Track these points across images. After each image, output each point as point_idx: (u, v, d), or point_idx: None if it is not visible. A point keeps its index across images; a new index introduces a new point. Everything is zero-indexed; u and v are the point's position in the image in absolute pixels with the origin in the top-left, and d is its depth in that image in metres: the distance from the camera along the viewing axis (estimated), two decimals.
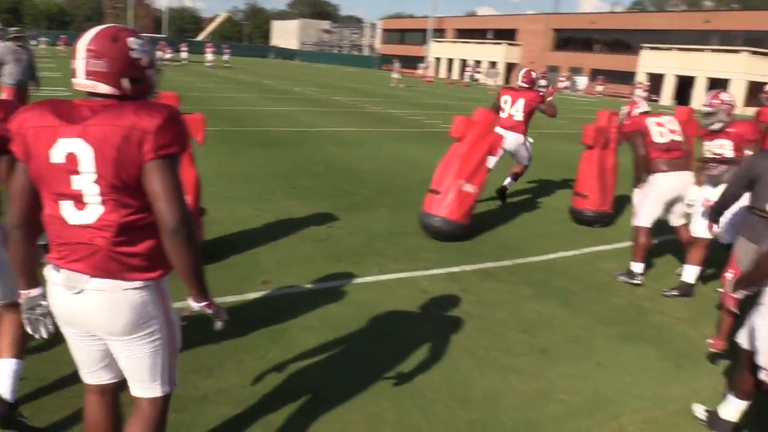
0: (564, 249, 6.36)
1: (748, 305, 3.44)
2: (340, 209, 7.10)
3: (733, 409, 3.21)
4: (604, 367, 3.90)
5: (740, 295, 2.97)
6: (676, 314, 4.87)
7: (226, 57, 42.87)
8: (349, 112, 18.92)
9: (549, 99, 7.68)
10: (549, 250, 6.28)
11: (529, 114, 7.54)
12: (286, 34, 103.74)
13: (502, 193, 8.06)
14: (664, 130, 5.28)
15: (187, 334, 3.40)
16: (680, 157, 5.25)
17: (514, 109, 7.52)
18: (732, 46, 42.37)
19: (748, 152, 4.77)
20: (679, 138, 5.29)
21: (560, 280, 5.42)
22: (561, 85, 50.88)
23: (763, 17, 43.83)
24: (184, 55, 44.30)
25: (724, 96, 4.82)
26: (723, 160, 4.86)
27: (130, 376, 2.16)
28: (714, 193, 4.84)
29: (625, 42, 52.81)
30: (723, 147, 4.87)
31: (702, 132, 5.03)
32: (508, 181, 8.10)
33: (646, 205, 5.30)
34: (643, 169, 5.28)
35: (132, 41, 1.96)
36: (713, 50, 42.49)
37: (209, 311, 2.07)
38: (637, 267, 5.36)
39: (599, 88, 49.14)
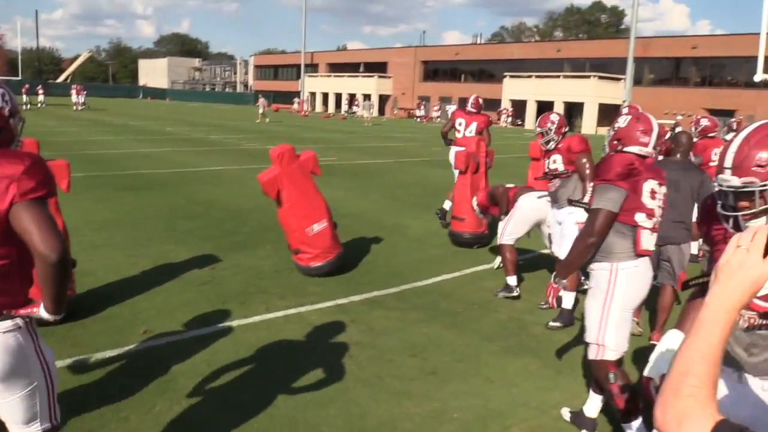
0: (447, 272, 6.58)
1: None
2: (222, 250, 6.93)
3: (594, 405, 3.47)
4: (492, 382, 4.06)
5: (560, 284, 3.25)
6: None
7: (81, 98, 40.93)
8: (227, 150, 18.60)
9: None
10: (433, 273, 6.47)
11: (480, 134, 8.53)
12: (154, 73, 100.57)
13: (443, 214, 8.60)
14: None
15: (65, 395, 3.17)
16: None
17: (468, 130, 8.55)
18: (582, 72, 46.27)
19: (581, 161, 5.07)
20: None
21: (445, 302, 5.60)
22: (434, 114, 53.07)
23: (607, 45, 48.41)
24: (41, 98, 41.75)
25: (552, 117, 5.28)
26: (556, 174, 5.23)
27: (7, 419, 2.11)
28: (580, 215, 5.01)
29: (488, 71, 56.11)
30: (555, 162, 5.26)
31: (540, 153, 5.50)
32: (448, 204, 8.50)
33: (509, 225, 5.72)
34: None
35: None
36: (566, 76, 46.17)
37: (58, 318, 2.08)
38: (512, 280, 5.70)
39: None
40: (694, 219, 4.68)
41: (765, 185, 1.87)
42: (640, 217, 3.07)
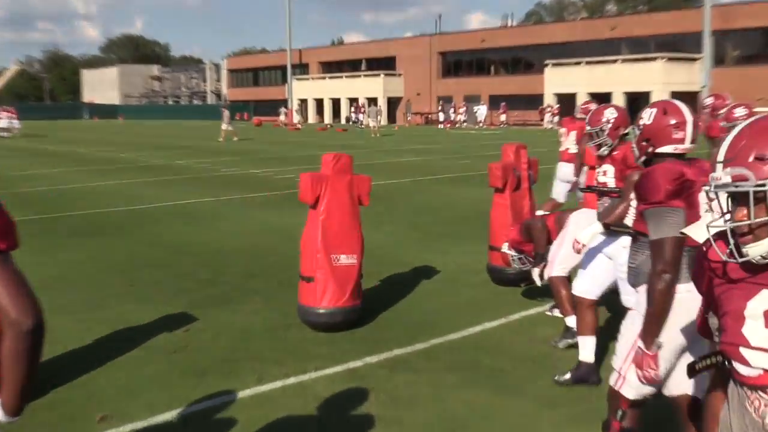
0: (488, 319, 6.51)
1: None
2: (198, 306, 6.93)
3: None
4: None
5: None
6: None
7: (14, 123, 41.66)
8: (200, 178, 18.77)
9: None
10: (470, 322, 6.40)
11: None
12: (102, 86, 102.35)
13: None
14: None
15: None
16: None
17: (568, 141, 8.92)
18: (646, 53, 46.44)
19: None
20: None
21: (489, 358, 5.53)
22: (459, 117, 53.38)
23: (675, 18, 48.65)
24: None
25: (608, 112, 5.01)
26: (605, 191, 4.97)
27: None
28: (585, 234, 4.87)
29: (524, 60, 56.56)
30: (606, 174, 5.04)
31: (595, 161, 5.27)
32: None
33: (561, 251, 5.66)
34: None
35: None
36: (625, 60, 46.36)
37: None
38: (572, 321, 5.58)
39: (502, 117, 51.99)
40: None
41: (763, 185, 1.85)
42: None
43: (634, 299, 3.43)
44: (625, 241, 4.64)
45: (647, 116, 3.46)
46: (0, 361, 1.96)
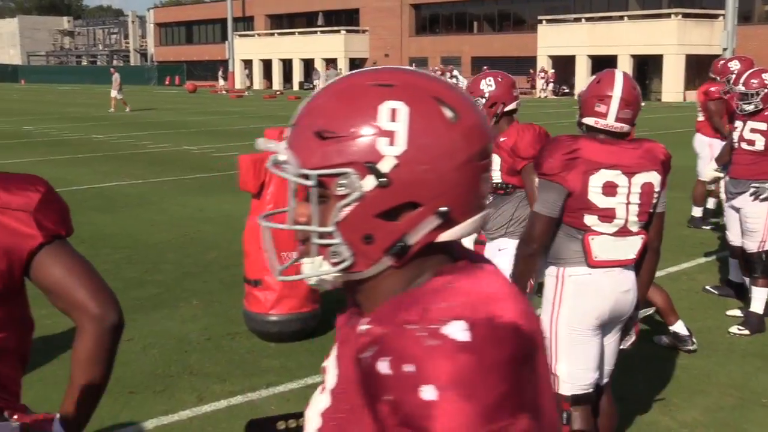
0: None
1: None
2: (125, 310, 6.91)
3: None
4: None
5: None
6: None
7: None
8: (122, 155, 18.65)
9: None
10: None
11: (706, 110, 9.65)
12: None
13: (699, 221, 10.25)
14: None
15: None
16: None
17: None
18: (656, 9, 46.91)
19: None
20: None
21: None
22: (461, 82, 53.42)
23: None
24: None
25: (483, 83, 5.17)
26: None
27: None
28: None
29: (514, 15, 56.85)
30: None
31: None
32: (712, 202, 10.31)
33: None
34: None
35: None
36: (633, 17, 46.80)
37: None
38: (680, 326, 6.05)
39: None
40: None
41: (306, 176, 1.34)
42: (590, 220, 3.53)
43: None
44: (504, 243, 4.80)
45: (586, 85, 3.83)
46: (73, 364, 2.03)
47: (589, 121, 3.67)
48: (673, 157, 3.84)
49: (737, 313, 6.73)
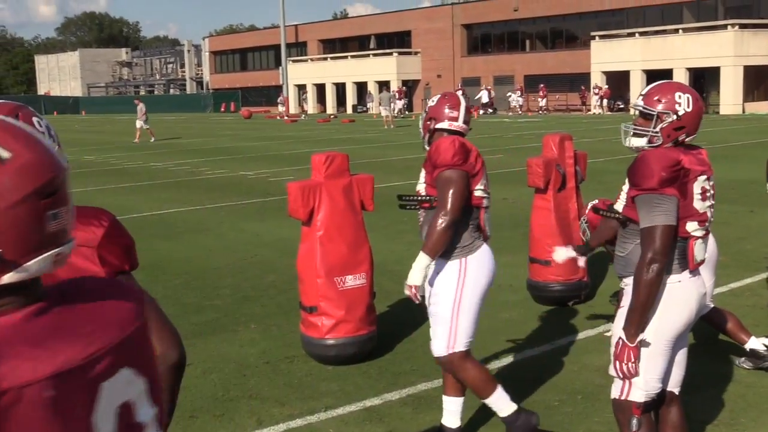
0: (529, 345, 6.54)
1: None
2: (184, 336, 6.94)
3: None
4: None
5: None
6: (705, 414, 5.10)
7: None
8: (180, 182, 18.91)
9: None
10: (507, 349, 6.44)
11: None
12: (61, 74, 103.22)
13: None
14: None
15: None
16: None
17: None
18: (712, 21, 46.30)
19: None
20: None
21: (531, 391, 5.56)
22: (483, 99, 53.32)
23: None
24: None
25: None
26: (415, 202, 4.78)
27: None
28: (413, 274, 4.71)
29: (567, 32, 56.53)
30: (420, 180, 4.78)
31: None
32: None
33: None
34: None
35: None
36: (688, 30, 46.23)
37: None
38: (756, 343, 5.86)
39: (541, 102, 51.98)
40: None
41: None
42: (692, 226, 3.64)
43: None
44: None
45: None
46: None
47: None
48: (735, 171, 3.87)
49: None
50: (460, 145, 4.36)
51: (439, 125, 4.57)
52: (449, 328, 4.46)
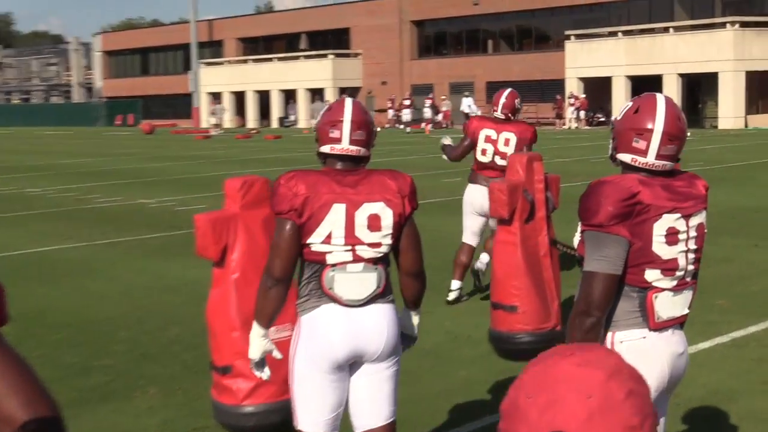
0: (492, 410, 6.52)
1: None
2: (66, 405, 6.83)
3: None
4: None
5: None
6: None
7: None
8: (64, 212, 18.68)
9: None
10: (466, 415, 6.44)
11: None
12: None
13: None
14: None
15: None
16: None
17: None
18: (708, 18, 47.23)
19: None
20: None
21: None
22: (440, 109, 53.69)
23: None
24: None
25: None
26: None
27: None
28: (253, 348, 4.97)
29: (537, 31, 57.27)
30: None
31: None
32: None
33: None
34: None
35: None
36: (679, 29, 47.11)
37: None
38: None
39: None
40: None
41: None
42: (653, 275, 3.60)
43: None
44: None
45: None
46: None
47: (625, 158, 3.73)
48: (736, 197, 3.89)
49: None
50: (286, 185, 4.19)
51: (321, 149, 4.37)
52: (293, 399, 4.47)
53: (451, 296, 9.54)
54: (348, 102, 4.33)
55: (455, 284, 9.55)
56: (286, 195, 4.16)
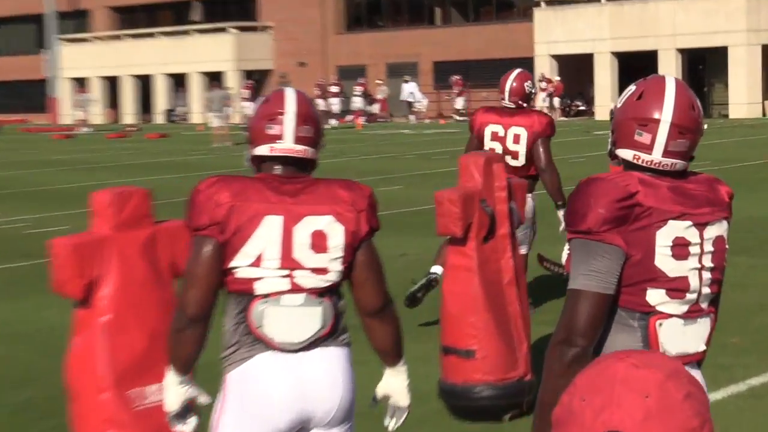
0: None
1: None
2: None
3: None
4: None
5: None
6: None
7: None
8: None
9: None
10: None
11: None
12: None
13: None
14: None
15: None
16: None
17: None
18: None
19: None
20: None
21: None
22: (379, 97, 53.87)
23: None
24: None
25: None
26: None
27: None
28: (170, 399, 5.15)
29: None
30: None
31: None
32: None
33: None
34: None
35: None
36: None
37: None
38: None
39: (458, 103, 52.64)
40: None
41: None
42: (655, 297, 3.58)
43: None
44: None
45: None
46: None
47: (625, 154, 3.74)
48: (754, 205, 3.89)
49: None
50: (206, 193, 4.16)
51: (256, 151, 4.32)
52: None
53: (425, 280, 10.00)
54: (289, 91, 4.33)
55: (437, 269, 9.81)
56: (206, 205, 4.07)
